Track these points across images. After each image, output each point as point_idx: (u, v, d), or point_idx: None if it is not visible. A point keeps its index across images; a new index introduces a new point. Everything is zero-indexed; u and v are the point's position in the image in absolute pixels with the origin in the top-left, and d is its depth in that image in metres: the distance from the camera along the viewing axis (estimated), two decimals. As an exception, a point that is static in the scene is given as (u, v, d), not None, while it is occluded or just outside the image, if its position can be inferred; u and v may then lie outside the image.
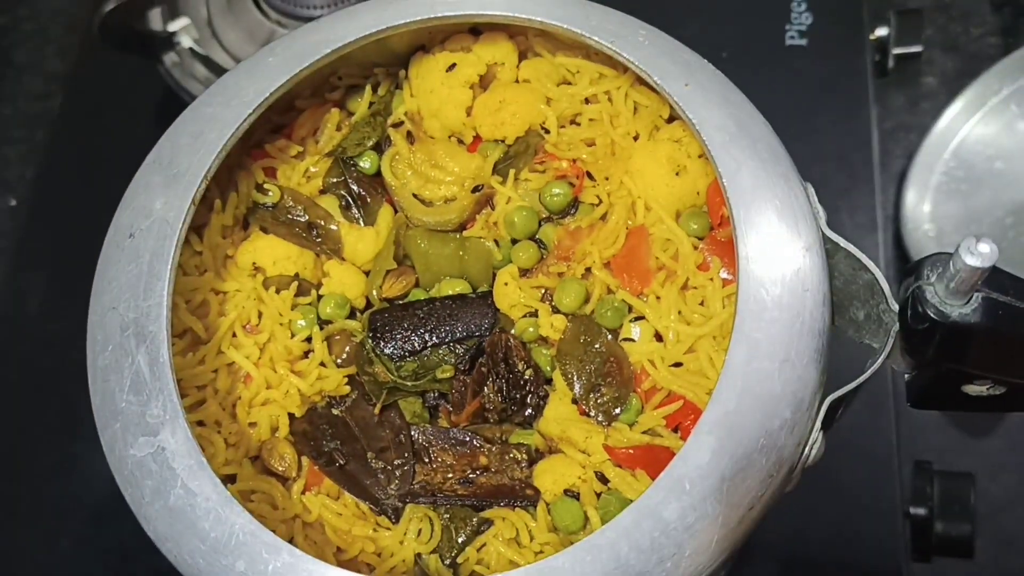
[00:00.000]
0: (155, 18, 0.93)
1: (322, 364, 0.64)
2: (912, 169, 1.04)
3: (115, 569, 0.80)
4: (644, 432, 0.60)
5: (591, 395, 0.61)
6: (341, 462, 0.62)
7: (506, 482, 0.60)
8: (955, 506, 0.84)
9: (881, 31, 1.01)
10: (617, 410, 0.60)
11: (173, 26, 0.91)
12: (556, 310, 0.64)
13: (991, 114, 1.05)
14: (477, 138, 0.68)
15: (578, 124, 0.68)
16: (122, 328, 0.56)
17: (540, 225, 0.67)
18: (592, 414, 0.61)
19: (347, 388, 0.64)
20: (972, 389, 0.59)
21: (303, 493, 0.61)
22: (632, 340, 0.62)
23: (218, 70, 0.89)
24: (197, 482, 0.53)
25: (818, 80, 0.97)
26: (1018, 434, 0.97)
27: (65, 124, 1.01)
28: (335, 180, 0.68)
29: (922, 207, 1.04)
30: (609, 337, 0.62)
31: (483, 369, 0.62)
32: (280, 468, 0.61)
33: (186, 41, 0.91)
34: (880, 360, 0.57)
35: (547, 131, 0.68)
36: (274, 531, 0.52)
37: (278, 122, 0.69)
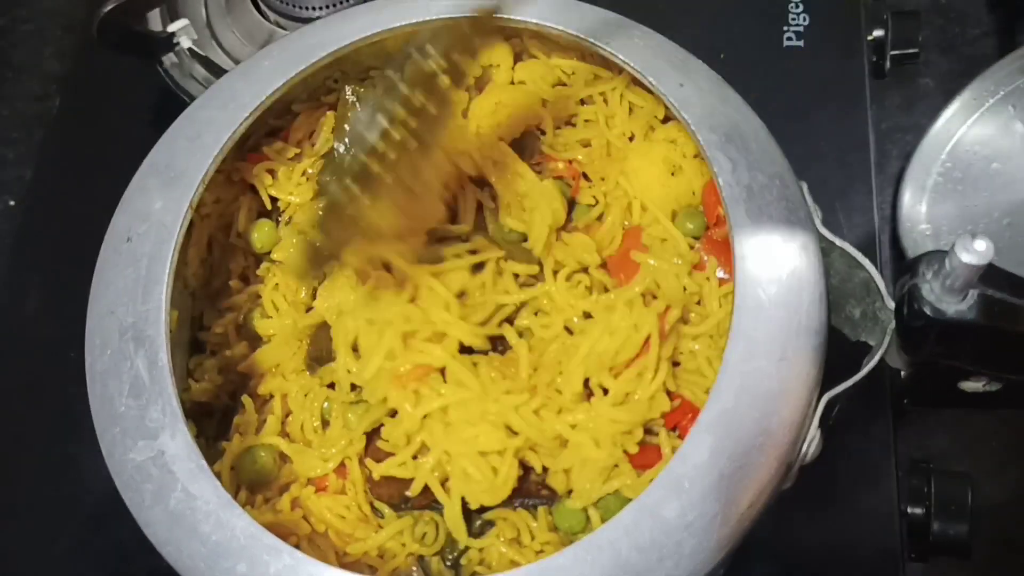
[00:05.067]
0: (154, 19, 0.93)
1: None
2: (909, 170, 1.04)
3: (113, 569, 0.79)
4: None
5: None
6: None
7: (523, 484, 0.60)
8: (952, 506, 0.83)
9: (878, 32, 1.01)
10: None
11: (172, 27, 0.91)
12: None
13: (988, 115, 1.05)
14: (473, 140, 0.68)
15: (574, 125, 0.68)
16: (120, 332, 0.56)
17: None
18: None
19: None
20: (968, 386, 0.59)
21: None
22: None
23: (217, 71, 0.89)
24: (197, 485, 0.53)
25: (815, 81, 0.97)
26: (1016, 434, 0.97)
27: (63, 125, 1.01)
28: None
29: (919, 207, 1.04)
30: None
31: None
32: None
33: (185, 42, 0.91)
34: (877, 357, 0.57)
35: (543, 132, 0.68)
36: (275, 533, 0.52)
37: (275, 125, 0.69)
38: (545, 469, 0.60)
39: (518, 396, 0.58)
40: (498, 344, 0.63)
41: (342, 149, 0.57)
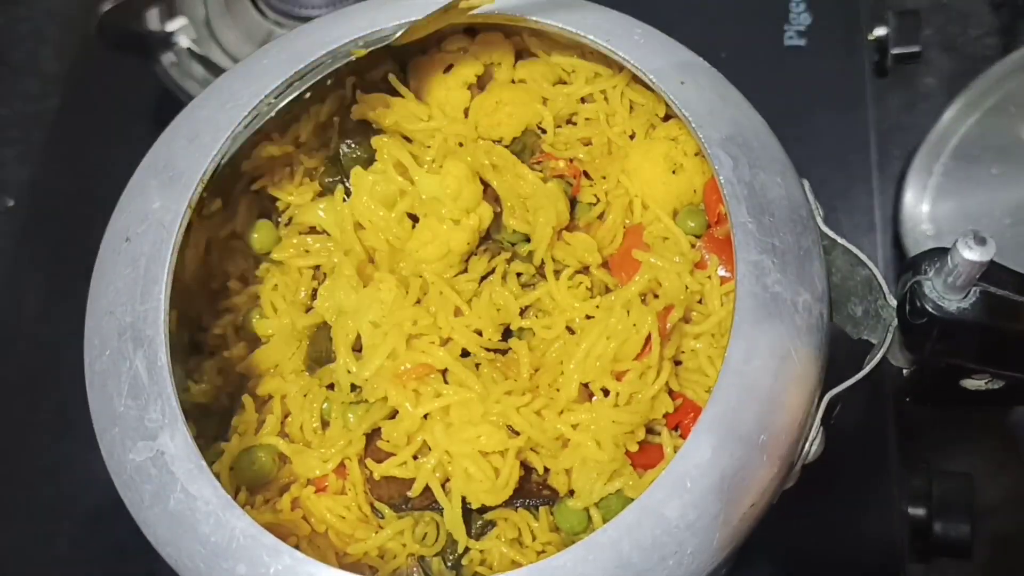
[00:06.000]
0: (152, 18, 0.93)
1: None
2: (910, 169, 1.04)
3: (112, 569, 0.79)
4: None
5: None
6: None
7: (524, 484, 0.60)
8: (953, 506, 0.84)
9: (879, 31, 1.01)
10: None
11: (171, 26, 0.91)
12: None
13: (989, 115, 1.05)
14: (474, 138, 0.68)
15: (574, 124, 0.68)
16: (119, 332, 0.56)
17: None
18: None
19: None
20: (970, 383, 0.59)
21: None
22: None
23: (216, 70, 0.89)
24: (197, 486, 0.53)
25: (816, 80, 0.97)
26: (1017, 434, 0.97)
27: (62, 125, 1.01)
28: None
29: (920, 207, 1.04)
30: None
31: None
32: None
33: (184, 41, 0.91)
34: (879, 355, 0.57)
35: (544, 131, 0.67)
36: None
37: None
38: (547, 470, 0.59)
39: (520, 397, 0.58)
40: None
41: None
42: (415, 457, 0.59)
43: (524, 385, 0.59)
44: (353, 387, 0.62)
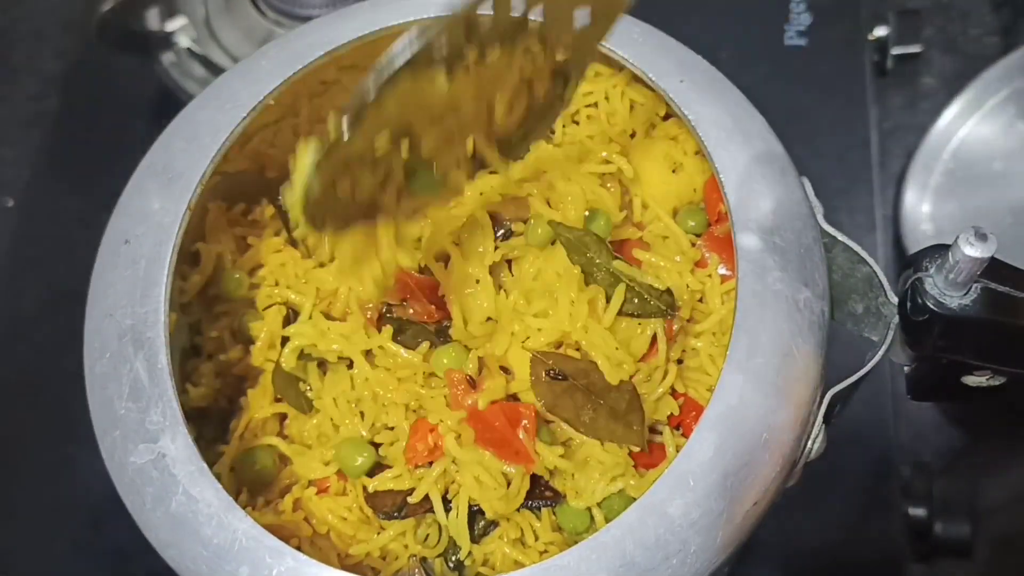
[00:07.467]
0: (152, 18, 0.93)
1: None
2: (911, 169, 1.04)
3: (113, 570, 0.79)
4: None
5: None
6: None
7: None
8: (954, 507, 0.84)
9: (880, 31, 1.01)
10: None
11: (170, 26, 0.91)
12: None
13: (990, 114, 1.05)
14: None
15: (577, 123, 0.68)
16: (119, 335, 0.56)
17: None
18: None
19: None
20: (972, 380, 0.59)
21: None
22: None
23: (216, 70, 0.89)
24: (198, 488, 0.53)
25: (817, 80, 0.97)
26: (1018, 434, 0.97)
27: (62, 125, 1.01)
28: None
29: (921, 207, 1.04)
30: None
31: None
32: None
33: (184, 41, 0.91)
34: (880, 353, 0.57)
35: (552, 131, 0.67)
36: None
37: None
38: (552, 473, 0.59)
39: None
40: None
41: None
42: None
43: None
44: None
